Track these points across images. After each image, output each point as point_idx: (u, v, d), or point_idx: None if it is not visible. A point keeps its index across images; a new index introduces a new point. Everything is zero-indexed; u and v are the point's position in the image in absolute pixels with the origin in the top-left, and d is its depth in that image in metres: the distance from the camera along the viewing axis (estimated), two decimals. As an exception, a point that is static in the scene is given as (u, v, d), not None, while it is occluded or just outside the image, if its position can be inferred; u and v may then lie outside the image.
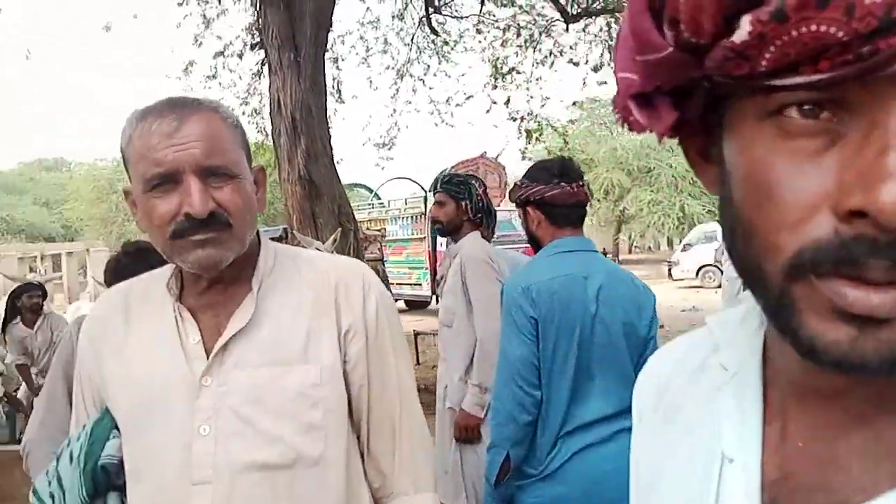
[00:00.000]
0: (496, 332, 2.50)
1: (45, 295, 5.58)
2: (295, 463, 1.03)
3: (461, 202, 2.84)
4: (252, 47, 6.90)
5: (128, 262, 2.10)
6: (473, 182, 2.92)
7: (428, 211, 13.05)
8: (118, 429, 1.09)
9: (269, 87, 5.92)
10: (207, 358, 1.04)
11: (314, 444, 1.04)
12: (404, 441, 1.14)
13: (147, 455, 1.04)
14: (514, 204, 2.10)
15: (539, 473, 1.86)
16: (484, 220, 2.88)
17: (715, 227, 17.57)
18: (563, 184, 1.93)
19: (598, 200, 26.79)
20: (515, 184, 2.09)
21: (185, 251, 1.00)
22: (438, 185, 2.93)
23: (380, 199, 15.98)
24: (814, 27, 0.31)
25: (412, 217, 13.69)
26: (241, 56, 8.07)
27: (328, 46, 6.59)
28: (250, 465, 1.01)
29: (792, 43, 0.32)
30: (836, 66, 0.32)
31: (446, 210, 2.86)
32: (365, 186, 17.81)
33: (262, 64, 6.80)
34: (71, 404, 2.08)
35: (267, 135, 8.51)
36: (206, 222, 0.98)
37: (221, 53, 8.18)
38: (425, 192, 13.43)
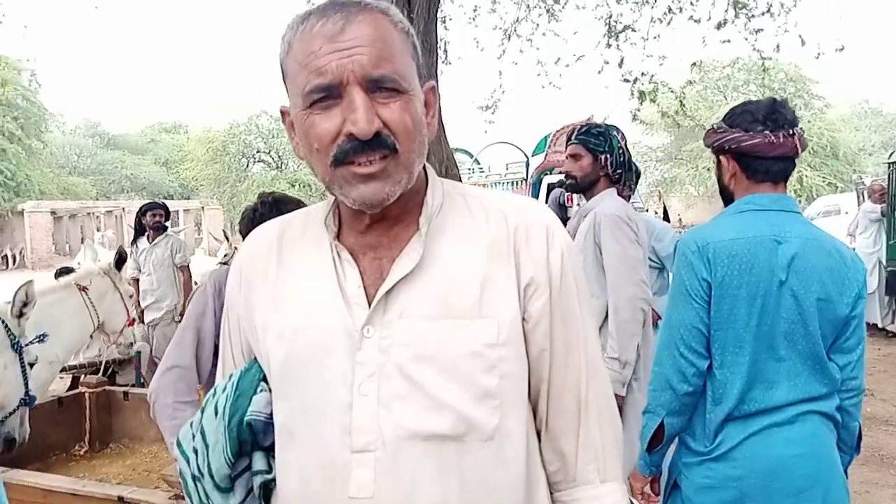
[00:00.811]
0: (633, 298, 2.34)
1: (167, 214, 6.07)
2: (466, 435, 0.89)
3: (600, 155, 2.56)
4: (364, 5, 6.86)
5: (264, 212, 2.09)
6: (615, 133, 2.60)
7: (529, 176, 12.81)
8: (266, 381, 0.99)
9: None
10: (369, 306, 0.91)
11: (488, 415, 0.90)
12: (591, 419, 0.97)
13: (301, 414, 0.93)
14: (709, 150, 1.86)
15: (708, 452, 1.68)
16: (623, 177, 2.60)
17: (837, 201, 16.33)
18: (766, 132, 1.68)
19: (708, 170, 25.45)
20: (711, 127, 1.84)
21: (348, 184, 0.88)
22: (574, 136, 2.61)
23: (479, 164, 15.82)
24: None
25: (513, 182, 13.48)
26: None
27: (440, 5, 6.45)
28: (416, 433, 0.88)
29: None
30: None
31: (581, 164, 2.58)
32: (465, 151, 17.69)
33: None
34: (198, 357, 2.14)
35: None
36: (371, 144, 0.85)
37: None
38: (527, 157, 13.16)
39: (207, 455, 0.99)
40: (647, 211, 12.69)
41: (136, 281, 5.88)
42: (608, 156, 2.56)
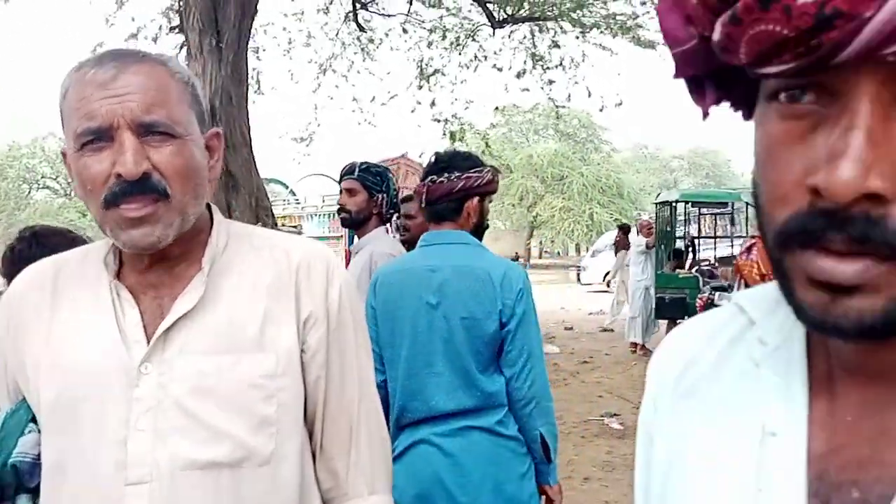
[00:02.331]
0: None
1: None
2: (243, 461, 0.93)
3: (376, 194, 2.67)
4: (171, 30, 6.58)
5: (23, 249, 1.88)
6: (391, 175, 2.77)
7: (346, 209, 12.90)
8: (35, 422, 0.97)
9: (188, 72, 5.66)
10: (148, 343, 0.93)
11: (265, 441, 0.95)
12: (362, 439, 1.06)
13: (73, 451, 0.92)
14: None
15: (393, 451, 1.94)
16: (392, 218, 2.80)
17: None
18: (430, 179, 1.93)
19: (513, 206, 27.32)
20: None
21: (118, 227, 0.89)
22: (356, 172, 2.69)
23: (295, 195, 15.61)
24: (763, 27, 0.36)
25: (329, 214, 13.47)
26: (155, 40, 7.68)
27: (251, 35, 6.39)
28: (193, 463, 0.91)
29: (753, 40, 0.37)
30: (796, 57, 0.37)
31: (356, 199, 2.67)
32: (280, 182, 17.37)
33: (180, 48, 6.50)
34: None
35: (180, 123, 8.15)
36: (140, 187, 0.87)
37: (134, 35, 7.76)
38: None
39: None
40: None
41: None
42: (384, 196, 2.67)
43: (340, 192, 2.74)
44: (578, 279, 19.69)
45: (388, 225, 2.76)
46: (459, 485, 1.80)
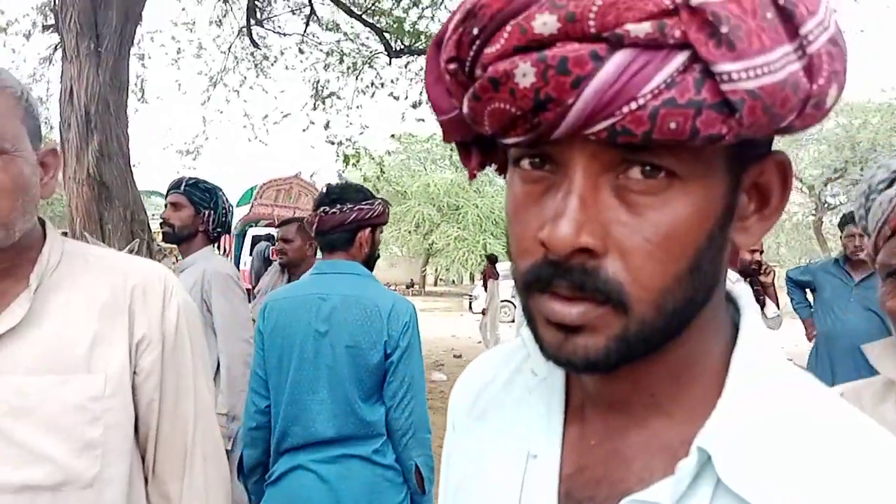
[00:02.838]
0: (243, 355, 2.43)
1: None
2: (62, 485, 0.91)
3: (203, 210, 2.58)
4: (44, 29, 6.20)
5: None
6: (221, 194, 2.70)
7: (233, 227, 12.51)
8: None
9: (62, 75, 5.34)
10: None
11: (89, 464, 0.92)
12: (196, 463, 1.04)
13: None
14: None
15: (269, 478, 1.94)
16: (220, 237, 2.74)
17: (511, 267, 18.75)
18: (322, 210, 1.99)
19: (409, 232, 27.45)
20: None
21: None
22: (182, 186, 2.61)
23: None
24: (496, 104, 0.42)
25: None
26: (27, 36, 7.20)
27: (135, 41, 6.12)
28: (6, 485, 0.88)
29: (491, 115, 0.43)
30: (525, 132, 0.42)
31: (181, 214, 2.57)
32: (161, 194, 16.61)
33: (55, 49, 6.14)
34: None
35: (52, 128, 7.64)
36: None
37: (3, 30, 7.25)
38: (231, 207, 12.87)
39: None
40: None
41: None
42: (211, 213, 2.60)
43: (165, 206, 2.64)
44: (470, 307, 20.02)
45: (215, 244, 2.71)
46: None
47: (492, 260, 11.45)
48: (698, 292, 0.46)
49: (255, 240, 10.82)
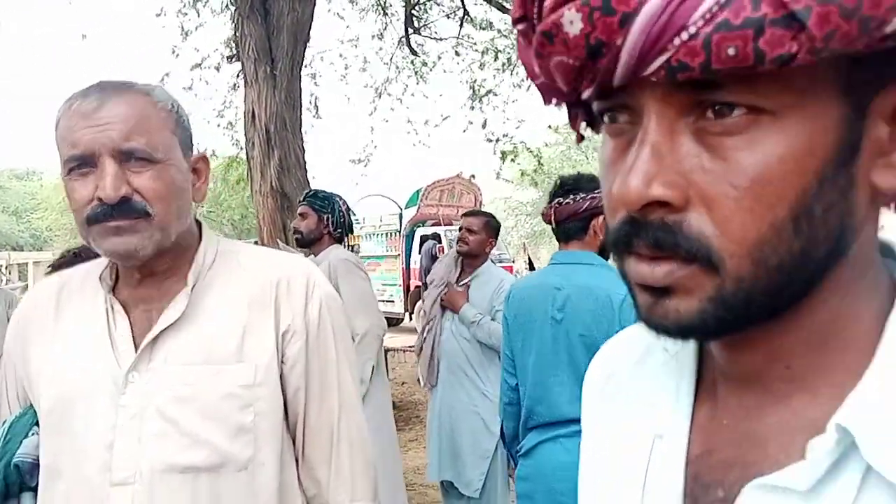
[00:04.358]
0: (371, 327, 2.80)
1: None
2: (221, 466, 0.99)
3: (323, 215, 3.02)
4: (229, 59, 6.90)
5: (63, 265, 2.07)
6: (338, 199, 3.11)
7: (403, 228, 13.08)
8: (39, 426, 1.04)
9: (245, 98, 5.92)
10: (136, 352, 1.00)
11: (243, 448, 1.00)
12: (342, 450, 1.10)
13: (66, 453, 1.00)
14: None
15: (521, 450, 2.08)
16: (344, 236, 3.10)
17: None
18: (556, 202, 2.05)
19: (573, 224, 26.96)
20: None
21: (101, 238, 0.96)
22: (303, 198, 3.13)
23: (355, 215, 15.95)
24: (557, 58, 0.40)
25: (386, 234, 13.67)
26: (217, 68, 8.05)
27: (306, 62, 6.63)
28: (172, 467, 0.97)
29: (556, 70, 0.41)
30: (591, 83, 0.40)
31: (307, 222, 3.03)
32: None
33: (238, 76, 6.81)
34: None
35: (241, 148, 8.49)
36: (121, 209, 0.94)
37: (199, 65, 8.16)
38: (400, 209, 13.45)
39: None
40: (513, 262, 13.27)
41: None
42: (330, 216, 3.03)
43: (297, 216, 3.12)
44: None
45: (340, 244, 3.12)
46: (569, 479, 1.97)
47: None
48: (815, 244, 0.40)
49: (423, 239, 11.24)
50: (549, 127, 10.77)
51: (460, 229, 3.32)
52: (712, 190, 0.38)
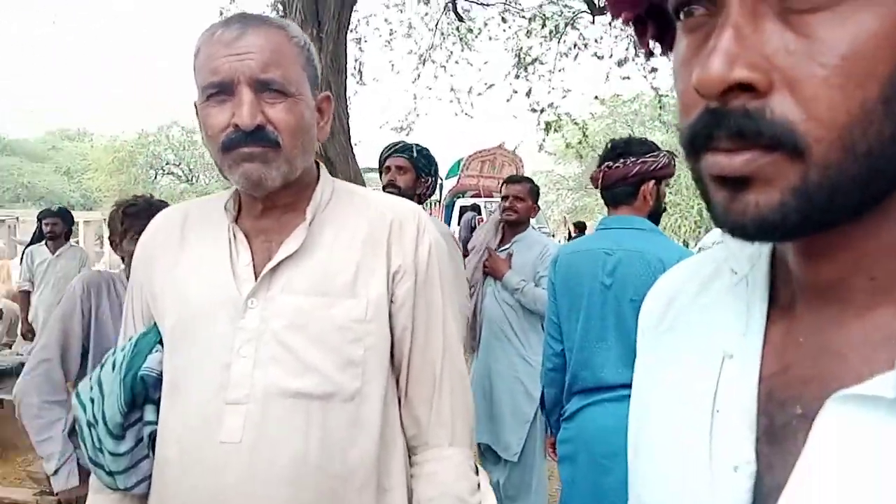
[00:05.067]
0: (464, 307, 2.72)
1: (67, 221, 5.40)
2: (330, 395, 1.02)
3: (424, 177, 2.78)
4: (276, 22, 6.91)
5: (139, 210, 2.15)
6: (437, 166, 2.92)
7: (442, 198, 13.07)
8: (162, 344, 1.11)
9: (291, 62, 5.93)
10: (255, 280, 1.04)
11: (351, 380, 1.03)
12: (444, 392, 1.12)
13: (186, 370, 1.05)
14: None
15: (564, 413, 2.10)
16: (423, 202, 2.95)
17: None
18: (606, 165, 2.03)
19: (615, 199, 26.58)
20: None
21: (234, 164, 1.00)
22: (412, 152, 2.78)
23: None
24: None
25: (427, 203, 13.70)
26: (265, 31, 8.06)
27: (352, 26, 6.59)
28: (285, 390, 1.01)
29: None
30: None
31: (406, 178, 2.76)
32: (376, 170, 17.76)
33: (286, 39, 6.80)
34: (63, 358, 2.14)
35: (286, 112, 8.53)
36: (254, 136, 0.98)
37: (246, 28, 8.19)
38: (441, 179, 13.46)
39: (103, 404, 1.10)
40: (553, 236, 13.17)
41: (27, 294, 5.23)
42: (431, 179, 2.81)
43: (388, 168, 2.81)
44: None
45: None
46: (620, 444, 2.00)
47: (580, 227, 10.89)
48: None
49: (462, 210, 11.22)
50: (596, 98, 10.53)
51: (505, 198, 3.29)
52: (798, 71, 0.37)
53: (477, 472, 1.15)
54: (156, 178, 31.94)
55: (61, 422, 2.09)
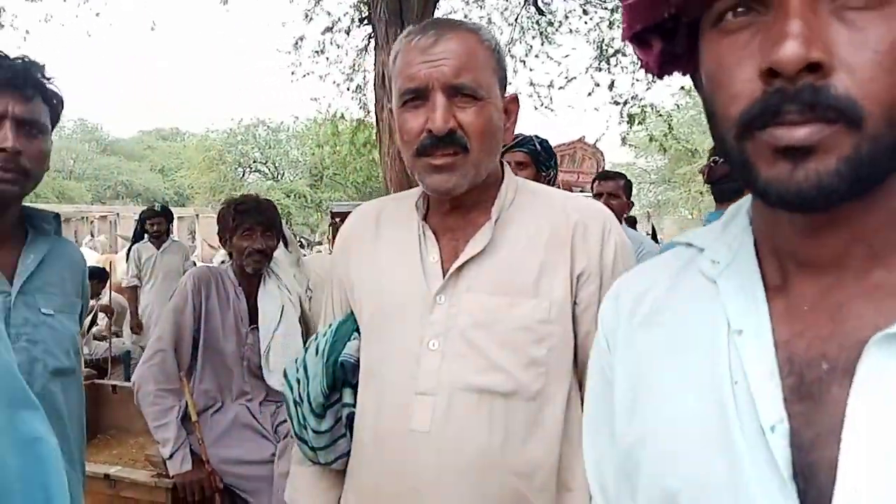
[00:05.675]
0: None
1: (168, 219, 5.74)
2: (513, 393, 1.04)
3: (544, 173, 2.55)
4: (360, 22, 7.06)
5: (248, 207, 2.38)
6: (556, 161, 2.70)
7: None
8: (359, 332, 1.17)
9: (375, 61, 6.05)
10: (443, 277, 1.08)
11: (534, 379, 1.05)
12: None
13: (380, 359, 1.11)
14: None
15: None
16: None
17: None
18: (713, 160, 2.04)
19: (701, 193, 25.73)
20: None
21: (425, 172, 1.05)
22: (533, 146, 2.55)
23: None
24: None
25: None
26: (348, 32, 8.24)
27: (433, 23, 6.65)
28: (471, 385, 1.04)
29: None
30: None
31: (526, 174, 2.48)
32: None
33: (369, 39, 6.95)
34: (176, 349, 2.28)
35: (369, 112, 8.68)
36: (446, 141, 1.01)
37: (330, 29, 8.39)
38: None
39: (308, 385, 1.18)
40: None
41: (135, 289, 5.50)
42: (552, 173, 2.61)
43: (505, 164, 2.74)
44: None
45: None
46: None
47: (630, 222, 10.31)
48: None
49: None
50: (682, 88, 10.23)
51: (598, 195, 3.21)
52: (854, 57, 0.43)
53: None
54: (244, 175, 33.18)
55: (175, 409, 2.23)
